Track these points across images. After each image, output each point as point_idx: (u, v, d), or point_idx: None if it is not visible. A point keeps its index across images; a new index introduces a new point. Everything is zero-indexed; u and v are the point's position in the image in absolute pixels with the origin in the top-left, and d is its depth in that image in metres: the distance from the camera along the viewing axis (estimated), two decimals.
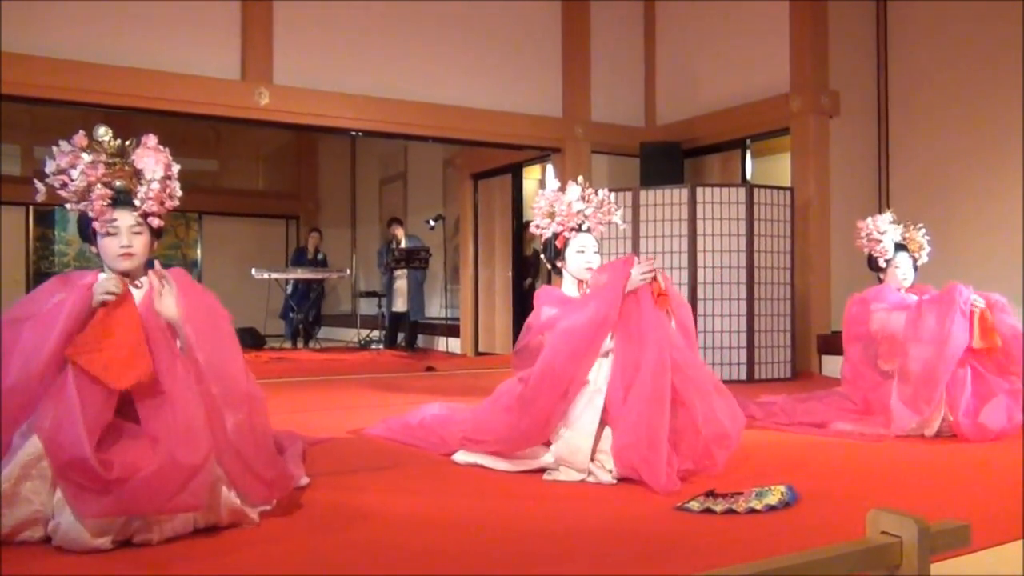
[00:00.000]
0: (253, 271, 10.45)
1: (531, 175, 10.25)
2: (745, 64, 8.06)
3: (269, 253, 13.77)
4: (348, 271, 11.92)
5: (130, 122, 9.70)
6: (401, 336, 10.59)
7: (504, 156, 9.50)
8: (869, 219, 4.73)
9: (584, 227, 3.57)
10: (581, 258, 3.53)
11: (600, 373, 3.21)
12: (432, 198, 11.68)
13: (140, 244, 2.59)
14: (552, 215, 3.59)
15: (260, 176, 14.89)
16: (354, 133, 8.66)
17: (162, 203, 2.60)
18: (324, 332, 12.13)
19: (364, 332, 11.25)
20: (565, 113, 8.67)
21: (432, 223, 10.20)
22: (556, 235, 3.57)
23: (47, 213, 12.65)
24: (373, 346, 10.73)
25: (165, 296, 2.49)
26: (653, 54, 9.10)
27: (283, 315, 11.79)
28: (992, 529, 2.42)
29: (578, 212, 3.55)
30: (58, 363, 2.37)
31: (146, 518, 2.29)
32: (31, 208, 12.48)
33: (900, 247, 4.67)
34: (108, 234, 2.56)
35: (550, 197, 3.61)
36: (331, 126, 7.79)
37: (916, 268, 4.72)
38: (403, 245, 10.10)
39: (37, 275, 12.59)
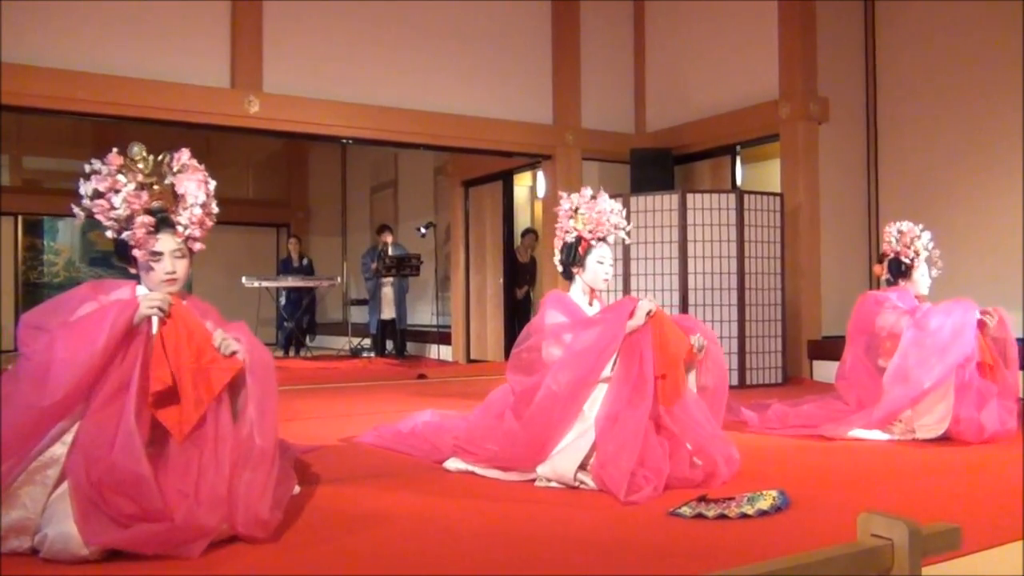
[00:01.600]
0: (243, 280, 10.42)
1: (522, 182, 10.26)
2: (734, 71, 8.10)
3: (259, 262, 13.73)
4: (338, 279, 11.89)
5: (120, 131, 9.70)
6: (391, 344, 10.57)
7: (495, 163, 9.51)
8: (901, 224, 4.74)
9: (611, 238, 3.58)
10: (600, 268, 3.55)
11: (594, 408, 3.24)
12: (423, 206, 11.67)
13: (183, 268, 2.57)
14: (579, 220, 3.56)
15: (250, 184, 14.85)
16: (344, 141, 8.66)
17: (204, 226, 2.59)
18: (315, 340, 12.10)
19: (355, 340, 11.22)
20: (555, 120, 8.68)
21: (423, 231, 10.20)
22: (579, 240, 3.57)
23: (36, 222, 12.59)
24: (364, 354, 10.70)
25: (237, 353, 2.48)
26: (643, 61, 9.13)
27: (278, 325, 11.77)
28: (983, 532, 2.43)
29: (616, 224, 3.56)
30: (101, 378, 2.31)
31: None
32: (20, 217, 12.42)
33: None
34: (153, 261, 2.52)
35: (578, 203, 3.59)
36: (321, 134, 7.80)
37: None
38: (391, 252, 10.08)
39: (26, 285, 12.52)
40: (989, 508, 2.89)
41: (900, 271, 4.69)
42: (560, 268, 3.64)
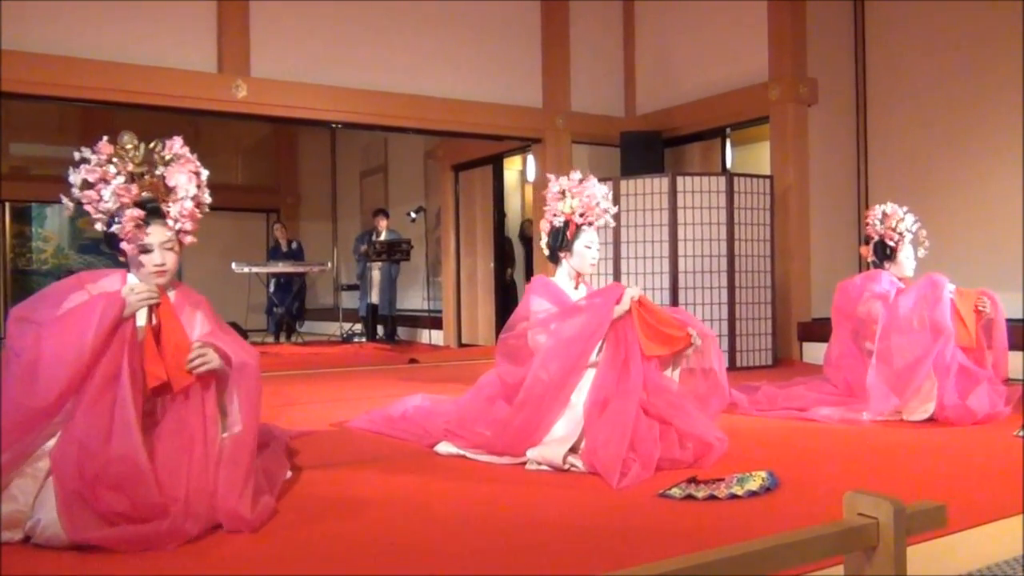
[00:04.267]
0: (233, 265, 10.39)
1: (512, 166, 10.24)
2: (724, 53, 8.09)
3: (249, 247, 13.68)
4: (329, 264, 11.86)
5: (107, 117, 9.64)
6: (382, 329, 10.57)
7: (485, 147, 9.49)
8: (883, 206, 4.75)
9: (600, 223, 3.58)
10: (588, 253, 3.54)
11: (582, 395, 3.25)
12: (413, 190, 11.64)
13: (172, 259, 2.54)
14: (568, 204, 3.54)
15: (239, 170, 14.77)
16: (334, 125, 8.63)
17: (195, 219, 2.56)
18: (306, 326, 12.09)
19: (346, 325, 11.21)
20: (545, 104, 8.66)
21: (413, 216, 10.19)
22: (567, 224, 3.56)
23: (24, 209, 12.51)
24: (355, 339, 10.70)
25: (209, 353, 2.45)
26: (633, 44, 9.11)
27: (267, 311, 11.74)
28: (969, 510, 2.45)
29: (605, 209, 3.55)
30: (91, 372, 2.29)
31: None
32: (7, 204, 12.34)
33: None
34: (141, 251, 2.50)
35: (567, 186, 3.58)
36: (310, 118, 7.76)
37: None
38: (383, 238, 10.06)
39: (15, 273, 12.46)
40: (975, 487, 2.92)
41: (885, 254, 4.70)
42: (547, 252, 3.64)
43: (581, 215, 3.53)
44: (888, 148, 7.52)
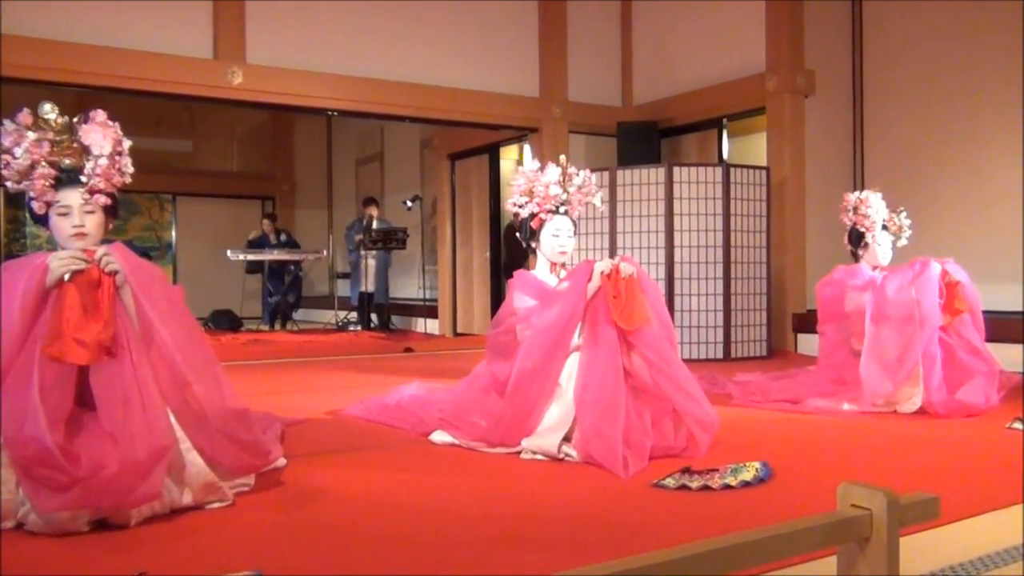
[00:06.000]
0: (228, 252, 10.36)
1: (508, 155, 10.22)
2: (721, 44, 8.07)
3: (244, 234, 13.60)
4: (324, 252, 11.84)
5: (101, 101, 9.59)
6: (376, 318, 10.57)
7: (481, 136, 9.47)
8: (858, 193, 4.73)
9: (562, 210, 3.55)
10: (555, 241, 3.51)
11: (572, 381, 3.24)
12: (409, 179, 11.62)
13: (93, 223, 2.52)
14: (531, 194, 3.55)
15: (235, 157, 14.74)
16: (330, 113, 8.61)
17: (110, 180, 2.53)
18: (301, 314, 12.07)
19: (341, 314, 11.21)
20: (542, 93, 8.64)
21: (409, 204, 10.17)
22: (533, 215, 3.55)
23: (18, 194, 12.43)
24: (351, 327, 10.69)
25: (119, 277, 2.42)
26: (630, 33, 9.09)
27: (263, 299, 11.73)
28: (962, 502, 2.46)
29: (555, 195, 3.52)
30: (19, 352, 2.29)
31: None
32: (2, 189, 12.28)
33: (883, 226, 4.70)
34: (60, 215, 2.49)
35: (529, 176, 3.57)
36: (306, 106, 7.73)
37: (893, 249, 4.76)
38: (375, 226, 10.04)
39: (9, 258, 12.40)
40: (968, 478, 2.93)
41: (858, 242, 4.68)
42: (524, 245, 3.65)
43: (538, 204, 3.51)
44: (885, 140, 7.52)
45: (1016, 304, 6.08)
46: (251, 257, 10.59)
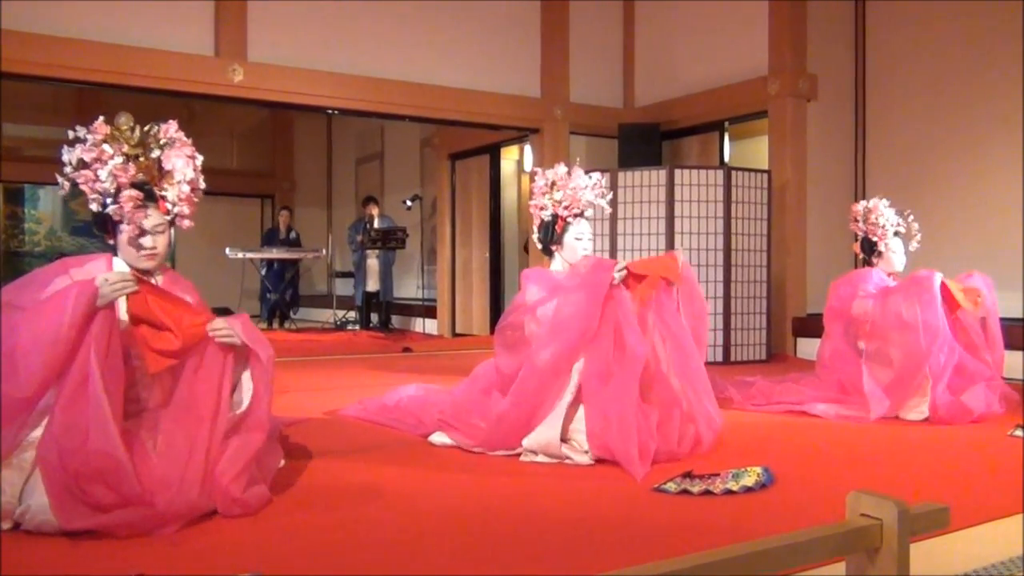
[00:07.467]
0: (227, 251, 10.34)
1: (509, 155, 10.21)
2: (724, 47, 8.05)
3: (244, 233, 13.63)
4: (323, 251, 11.82)
5: (102, 98, 9.56)
6: (376, 317, 10.55)
7: (482, 136, 9.45)
8: (865, 202, 4.73)
9: (587, 213, 3.54)
10: (579, 245, 3.52)
11: (574, 379, 3.22)
12: (409, 178, 11.60)
13: (163, 243, 2.52)
14: (554, 197, 3.51)
15: (234, 154, 14.71)
16: (330, 111, 8.58)
17: (192, 203, 2.53)
18: (300, 313, 12.05)
19: (340, 313, 11.18)
20: (544, 94, 8.62)
21: (409, 203, 10.14)
22: (556, 218, 3.53)
23: (17, 190, 12.43)
24: (349, 327, 10.67)
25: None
26: (632, 35, 9.07)
27: (261, 297, 11.71)
28: (971, 511, 2.44)
29: (585, 200, 3.51)
30: (69, 362, 2.24)
31: None
32: (1, 185, 12.26)
33: (895, 233, 4.70)
34: (133, 235, 2.46)
35: (554, 178, 3.55)
36: (307, 104, 7.70)
37: (907, 254, 4.75)
38: (376, 225, 10.02)
39: (7, 254, 12.39)
40: (976, 487, 2.91)
41: (871, 250, 4.69)
42: (539, 246, 3.62)
43: (566, 207, 3.50)
44: (886, 145, 7.50)
45: (1017, 311, 6.07)
46: (250, 256, 10.55)
